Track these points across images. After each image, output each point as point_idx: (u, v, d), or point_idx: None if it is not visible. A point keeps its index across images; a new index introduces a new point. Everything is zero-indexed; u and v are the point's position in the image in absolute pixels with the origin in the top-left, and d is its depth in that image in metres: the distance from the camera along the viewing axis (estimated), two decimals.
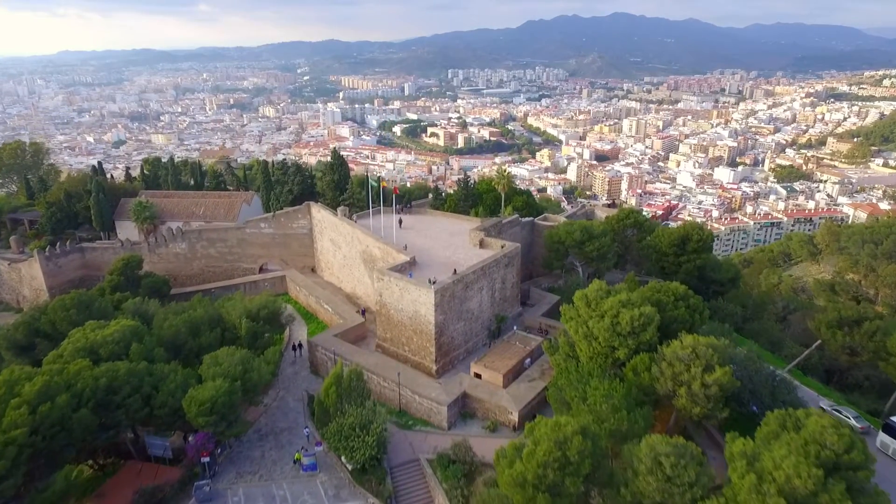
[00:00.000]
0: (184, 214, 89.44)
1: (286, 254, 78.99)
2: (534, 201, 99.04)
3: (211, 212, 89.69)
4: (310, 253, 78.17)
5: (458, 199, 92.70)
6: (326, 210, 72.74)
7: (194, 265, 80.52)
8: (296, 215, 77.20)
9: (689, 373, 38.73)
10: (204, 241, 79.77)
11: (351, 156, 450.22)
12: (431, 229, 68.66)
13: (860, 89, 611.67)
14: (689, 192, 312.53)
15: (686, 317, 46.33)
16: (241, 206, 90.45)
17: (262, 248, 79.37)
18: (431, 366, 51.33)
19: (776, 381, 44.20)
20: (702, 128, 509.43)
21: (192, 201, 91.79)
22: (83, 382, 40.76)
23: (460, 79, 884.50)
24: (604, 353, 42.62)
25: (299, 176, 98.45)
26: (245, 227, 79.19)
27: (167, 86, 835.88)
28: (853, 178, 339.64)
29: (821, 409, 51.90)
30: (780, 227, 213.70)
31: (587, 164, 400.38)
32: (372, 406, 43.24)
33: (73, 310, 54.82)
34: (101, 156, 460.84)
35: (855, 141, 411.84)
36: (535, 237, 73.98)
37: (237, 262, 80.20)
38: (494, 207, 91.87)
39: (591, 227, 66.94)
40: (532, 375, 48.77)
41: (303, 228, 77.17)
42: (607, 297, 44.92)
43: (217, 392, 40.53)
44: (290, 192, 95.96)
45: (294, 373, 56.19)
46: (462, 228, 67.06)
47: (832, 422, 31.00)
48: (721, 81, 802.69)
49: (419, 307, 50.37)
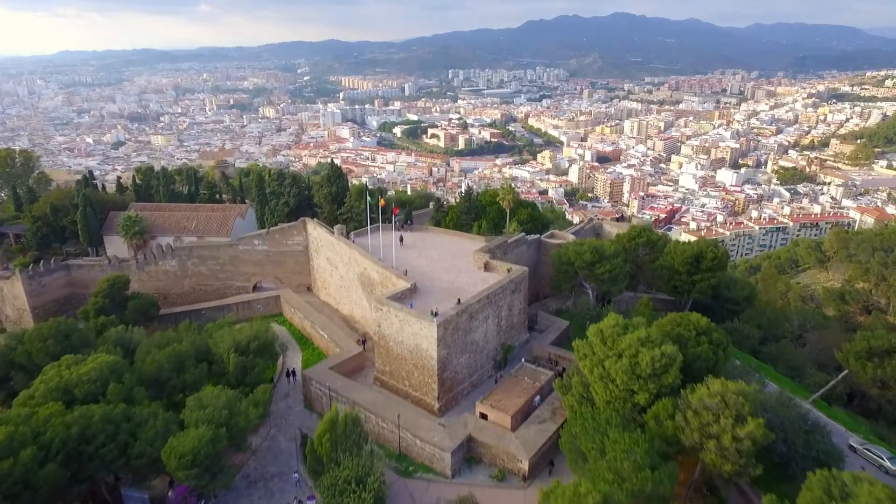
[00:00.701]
0: (175, 229, 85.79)
1: (281, 272, 75.47)
2: (539, 213, 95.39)
3: (203, 226, 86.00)
4: (305, 271, 74.63)
5: (461, 212, 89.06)
6: (323, 228, 69.15)
7: (185, 283, 77.00)
8: (291, 232, 73.66)
9: (718, 424, 35.18)
10: (195, 259, 76.28)
11: (351, 157, 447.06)
12: (433, 249, 65.09)
13: (862, 90, 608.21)
14: (691, 195, 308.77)
15: (709, 354, 42.83)
16: (235, 220, 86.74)
17: (256, 266, 75.86)
18: (434, 403, 47.79)
19: (809, 425, 40.63)
20: (703, 129, 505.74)
21: (183, 215, 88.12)
22: (53, 431, 37.26)
23: (461, 79, 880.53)
24: (622, 398, 39.07)
25: (296, 188, 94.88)
26: (238, 243, 75.70)
27: (167, 86, 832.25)
28: (857, 181, 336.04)
29: (851, 448, 48.48)
30: (785, 233, 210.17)
31: (589, 166, 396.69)
32: (369, 454, 39.70)
33: (50, 340, 51.26)
34: (101, 157, 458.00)
35: (858, 142, 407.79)
36: (542, 255, 70.43)
37: (230, 280, 76.67)
38: (498, 220, 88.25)
39: (602, 248, 63.29)
40: (542, 416, 45.19)
41: (298, 245, 73.64)
42: (624, 333, 41.36)
43: (199, 442, 36.99)
44: (287, 205, 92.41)
45: (287, 407, 52.61)
46: (465, 248, 63.46)
47: (888, 493, 27.48)
48: (722, 82, 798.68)
49: (420, 341, 46.82)
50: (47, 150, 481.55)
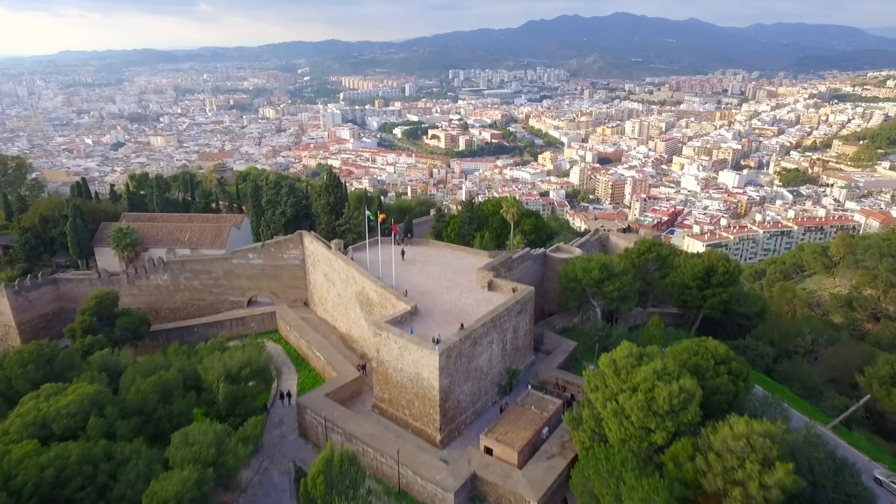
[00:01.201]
0: (168, 240, 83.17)
1: (276, 286, 72.69)
2: (543, 223, 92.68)
3: (197, 238, 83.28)
4: (302, 285, 71.83)
5: (463, 222, 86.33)
6: (320, 242, 66.41)
7: (177, 298, 74.12)
8: (287, 245, 70.77)
9: (743, 470, 32.57)
10: (187, 273, 73.32)
11: (351, 158, 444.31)
12: (434, 264, 62.37)
13: (864, 90, 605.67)
14: (693, 197, 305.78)
15: (729, 386, 40.20)
16: (230, 232, 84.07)
17: (251, 280, 73.01)
18: (435, 434, 45.15)
19: (837, 464, 37.99)
20: (705, 129, 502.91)
21: (177, 226, 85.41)
22: (25, 474, 34.67)
23: (461, 79, 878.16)
24: (638, 436, 36.41)
25: (293, 197, 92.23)
26: (232, 256, 72.73)
27: (167, 86, 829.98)
28: (860, 182, 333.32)
29: (877, 480, 45.95)
30: (790, 237, 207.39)
31: (590, 167, 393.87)
32: (366, 496, 37.09)
33: (31, 365, 48.69)
34: (100, 158, 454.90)
35: (861, 143, 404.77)
36: (548, 271, 67.70)
37: (223, 294, 73.81)
38: (501, 230, 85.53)
39: (611, 264, 60.61)
40: (551, 451, 42.49)
41: (294, 259, 70.79)
42: (639, 364, 38.76)
43: (184, 486, 34.35)
44: (284, 215, 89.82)
45: (280, 436, 49.90)
46: (468, 264, 60.77)
47: None
48: (723, 82, 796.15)
49: (421, 369, 44.17)
50: (46, 151, 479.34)
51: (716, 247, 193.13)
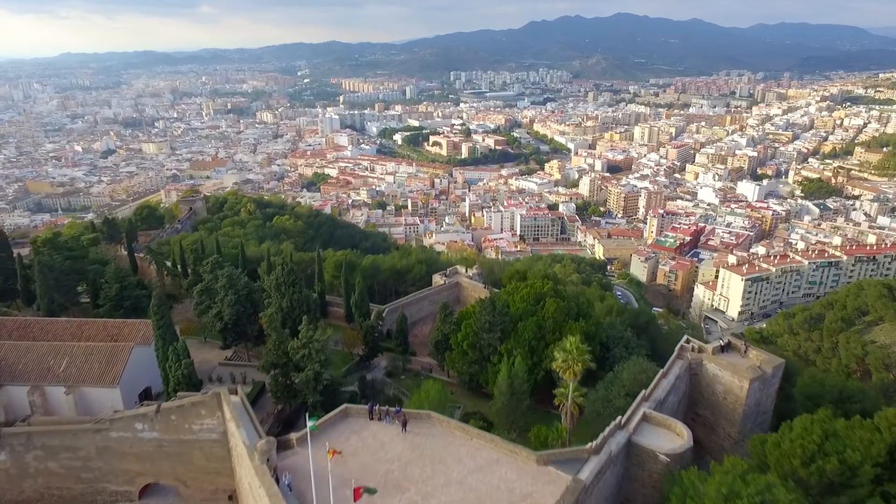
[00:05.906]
0: (34, 372, 54.63)
1: (184, 471, 43.85)
2: (594, 318, 65.77)
3: (78, 368, 54.72)
4: (225, 470, 42.65)
5: (480, 329, 61.78)
6: (249, 415, 40.42)
7: (25, 487, 44.61)
8: (196, 412, 42.03)
9: None
10: (38, 451, 43.91)
11: (349, 167, 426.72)
12: (445, 485, 35.28)
13: (877, 92, 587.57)
14: (713, 211, 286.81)
15: None
16: (132, 355, 55.16)
17: (142, 462, 43.90)
18: None
19: None
20: (717, 135, 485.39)
21: (50, 348, 56.33)
22: None
23: (463, 81, 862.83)
24: None
25: (231, 293, 62.40)
26: (108, 427, 43.29)
27: (164, 89, 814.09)
28: (889, 193, 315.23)
29: None
30: (838, 268, 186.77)
31: (600, 177, 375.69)
32: None
33: None
34: (87, 167, 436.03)
35: (885, 150, 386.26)
36: (633, 467, 41.39)
37: (99, 482, 44.71)
38: (536, 343, 61.45)
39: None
40: None
41: (210, 433, 42.12)
42: None
43: None
44: (220, 318, 62.99)
45: None
46: (503, 482, 35.10)
47: None
48: (729, 84, 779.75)
49: None
50: (34, 160, 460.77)
51: (756, 280, 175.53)
